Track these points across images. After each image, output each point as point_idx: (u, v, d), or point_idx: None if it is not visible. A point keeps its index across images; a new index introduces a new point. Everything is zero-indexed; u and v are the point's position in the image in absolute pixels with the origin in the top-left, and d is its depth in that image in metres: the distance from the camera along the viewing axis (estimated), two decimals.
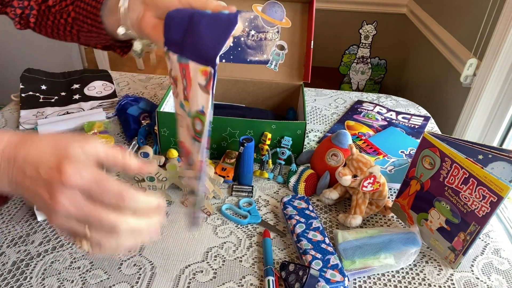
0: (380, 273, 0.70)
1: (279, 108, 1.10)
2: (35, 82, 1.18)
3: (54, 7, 0.67)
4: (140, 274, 0.68)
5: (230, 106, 1.08)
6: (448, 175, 0.68)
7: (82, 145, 0.43)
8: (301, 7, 1.05)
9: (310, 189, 0.86)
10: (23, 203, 0.81)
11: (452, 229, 0.70)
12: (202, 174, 0.50)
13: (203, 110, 0.47)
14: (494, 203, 0.62)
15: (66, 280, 0.66)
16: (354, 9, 2.41)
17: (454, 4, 1.75)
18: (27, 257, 0.70)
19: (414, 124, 1.15)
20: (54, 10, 0.67)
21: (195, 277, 0.68)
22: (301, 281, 0.62)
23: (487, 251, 0.76)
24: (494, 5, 1.39)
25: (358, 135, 1.08)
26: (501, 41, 1.32)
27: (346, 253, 0.69)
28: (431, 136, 0.70)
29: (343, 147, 0.87)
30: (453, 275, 0.71)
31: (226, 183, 0.89)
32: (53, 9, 0.67)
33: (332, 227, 0.80)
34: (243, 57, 1.06)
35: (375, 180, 0.76)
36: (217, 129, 0.90)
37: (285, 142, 0.90)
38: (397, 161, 0.97)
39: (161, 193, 0.82)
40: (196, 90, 0.47)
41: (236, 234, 0.77)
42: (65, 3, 0.66)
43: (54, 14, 0.67)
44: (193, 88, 0.47)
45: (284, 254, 0.73)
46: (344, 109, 1.22)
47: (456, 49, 1.65)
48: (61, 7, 0.66)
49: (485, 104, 1.44)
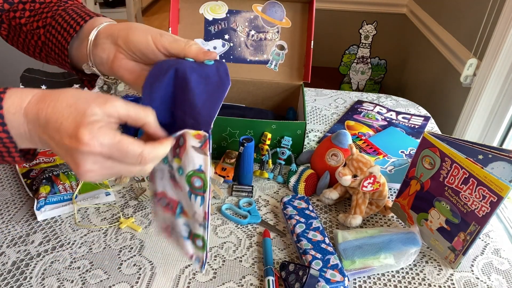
0: (380, 273, 0.70)
1: (279, 108, 1.10)
2: (35, 82, 1.18)
3: (25, 26, 0.63)
4: (140, 274, 0.68)
5: (230, 106, 1.08)
6: (448, 175, 0.68)
7: (101, 107, 0.43)
8: (301, 7, 1.05)
9: (310, 189, 0.86)
10: (23, 203, 0.81)
11: (452, 229, 0.70)
12: (207, 223, 0.51)
13: (202, 169, 0.47)
14: (494, 203, 0.62)
15: (66, 280, 0.66)
16: (354, 9, 2.41)
17: (454, 4, 1.75)
18: (27, 257, 0.70)
19: (414, 124, 1.15)
20: (26, 29, 0.63)
21: (195, 277, 0.68)
22: (301, 281, 0.62)
23: (487, 251, 0.76)
24: (494, 5, 1.39)
25: (358, 135, 1.08)
26: (501, 41, 1.32)
27: (346, 253, 0.69)
28: (431, 136, 0.70)
29: (343, 147, 0.87)
30: (453, 275, 0.71)
31: (226, 183, 0.89)
32: (24, 28, 0.63)
33: (332, 227, 0.80)
34: (243, 57, 1.06)
35: (375, 180, 0.76)
36: (217, 129, 0.90)
37: (285, 142, 0.90)
38: (397, 161, 0.97)
39: None
40: (190, 152, 0.46)
41: (236, 234, 0.77)
42: (36, 24, 0.62)
43: (25, 33, 0.63)
44: (187, 150, 0.46)
45: (284, 254, 0.73)
46: (344, 109, 1.22)
47: (456, 49, 1.65)
48: (32, 28, 0.62)
49: (485, 104, 1.44)
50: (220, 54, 1.06)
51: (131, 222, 0.78)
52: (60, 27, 0.58)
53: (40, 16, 0.62)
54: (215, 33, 1.05)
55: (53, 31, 0.60)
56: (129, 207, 0.82)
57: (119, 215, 0.80)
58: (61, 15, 0.60)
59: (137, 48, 0.52)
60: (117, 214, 0.80)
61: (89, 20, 0.57)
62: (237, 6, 1.05)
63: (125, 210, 0.81)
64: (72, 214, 0.79)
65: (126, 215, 0.80)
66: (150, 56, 0.52)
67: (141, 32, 0.52)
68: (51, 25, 0.60)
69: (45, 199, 0.78)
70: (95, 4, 2.61)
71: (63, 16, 0.59)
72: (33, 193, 0.80)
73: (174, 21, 1.01)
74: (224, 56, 1.06)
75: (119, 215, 0.80)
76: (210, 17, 1.05)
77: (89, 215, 0.79)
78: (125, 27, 0.53)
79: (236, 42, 1.05)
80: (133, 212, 0.81)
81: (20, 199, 0.82)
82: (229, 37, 1.05)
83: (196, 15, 1.04)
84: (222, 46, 1.05)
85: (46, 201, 0.78)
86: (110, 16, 1.95)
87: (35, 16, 0.63)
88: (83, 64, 0.58)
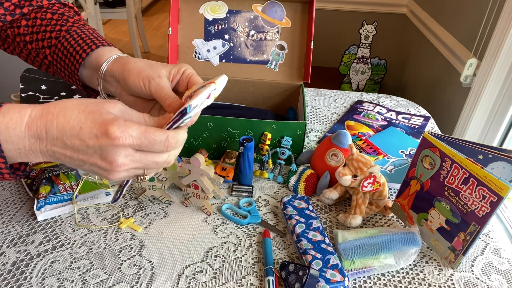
0: (380, 273, 0.70)
1: (279, 108, 1.10)
2: (35, 82, 1.18)
3: (31, 44, 0.65)
4: (140, 274, 0.68)
5: (230, 106, 1.08)
6: (448, 175, 0.68)
7: (111, 106, 0.46)
8: (301, 7, 1.05)
9: (310, 189, 0.86)
10: (23, 203, 0.81)
11: (452, 229, 0.70)
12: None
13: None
14: (494, 203, 0.62)
15: (66, 280, 0.66)
16: (354, 9, 2.41)
17: (454, 4, 1.75)
18: (27, 257, 0.70)
19: (414, 124, 1.15)
20: (30, 47, 0.65)
21: (195, 277, 0.68)
22: (301, 281, 0.62)
23: (487, 251, 0.76)
24: (494, 5, 1.39)
25: (358, 135, 1.08)
26: (501, 41, 1.32)
27: (346, 253, 0.69)
28: (431, 136, 0.70)
29: (343, 147, 0.87)
30: (453, 275, 0.71)
31: (226, 183, 0.89)
32: (29, 46, 0.65)
33: (332, 227, 0.80)
34: (243, 57, 1.06)
35: (375, 180, 0.76)
36: (217, 129, 0.90)
37: (285, 142, 0.90)
38: (397, 161, 0.97)
39: (161, 193, 0.82)
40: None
41: (236, 234, 0.77)
42: (41, 44, 0.64)
43: (29, 50, 0.65)
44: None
45: (284, 254, 0.73)
46: (344, 109, 1.22)
47: (456, 49, 1.65)
48: (38, 47, 0.64)
49: (485, 104, 1.44)
50: (220, 54, 1.06)
51: (131, 222, 0.78)
52: (67, 51, 0.61)
53: (44, 35, 0.64)
54: (215, 33, 1.05)
55: (60, 53, 0.62)
56: (129, 207, 0.82)
57: (119, 215, 0.80)
58: (66, 38, 0.62)
59: (133, 91, 0.56)
60: (117, 214, 0.80)
61: (95, 50, 0.60)
62: (237, 6, 1.05)
63: (125, 210, 0.81)
64: (72, 214, 0.79)
65: (126, 215, 0.80)
66: (145, 96, 0.57)
67: (135, 77, 0.55)
68: (56, 47, 0.62)
69: (45, 199, 0.78)
70: (95, 4, 2.61)
71: (69, 39, 0.62)
72: (33, 193, 0.80)
73: (174, 21, 1.01)
74: (224, 56, 1.06)
75: (119, 215, 0.80)
76: (210, 17, 1.05)
77: (89, 215, 0.79)
78: (122, 70, 0.57)
79: (236, 42, 1.05)
80: (133, 212, 0.81)
81: (20, 199, 0.82)
82: (229, 37, 1.05)
83: (196, 15, 1.04)
84: (222, 46, 1.05)
85: (46, 201, 0.78)
86: (110, 16, 1.97)
87: (38, 34, 0.64)
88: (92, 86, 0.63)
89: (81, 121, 0.43)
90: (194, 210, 0.82)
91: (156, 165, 0.47)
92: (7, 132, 0.43)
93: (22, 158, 0.45)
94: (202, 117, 0.88)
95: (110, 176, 0.45)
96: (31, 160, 0.46)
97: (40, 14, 0.65)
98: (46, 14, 0.65)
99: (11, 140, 0.43)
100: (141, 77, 0.54)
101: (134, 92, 0.56)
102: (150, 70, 0.55)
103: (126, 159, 0.44)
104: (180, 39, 1.05)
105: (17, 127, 0.43)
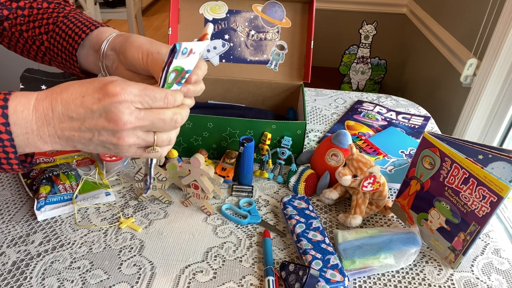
0: (380, 273, 0.70)
1: (279, 108, 1.10)
2: (35, 82, 1.18)
3: (27, 32, 0.66)
4: (140, 274, 0.68)
5: (230, 106, 1.08)
6: (448, 175, 0.68)
7: (110, 76, 0.47)
8: (301, 7, 1.05)
9: (310, 189, 0.86)
10: (23, 203, 0.81)
11: (452, 229, 0.70)
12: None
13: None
14: (494, 203, 0.62)
15: (66, 280, 0.66)
16: (354, 9, 2.41)
17: (454, 4, 1.75)
18: (27, 257, 0.70)
19: (414, 124, 1.15)
20: (27, 35, 0.66)
21: (195, 277, 0.68)
22: (301, 281, 0.62)
23: (487, 251, 0.76)
24: (494, 5, 1.39)
25: (358, 135, 1.08)
26: (501, 41, 1.32)
27: (346, 253, 0.69)
28: (431, 136, 0.70)
29: (343, 147, 0.87)
30: (453, 275, 0.71)
31: (226, 183, 0.89)
32: (26, 34, 0.66)
33: (332, 227, 0.80)
34: (243, 57, 1.06)
35: (375, 180, 0.76)
36: (217, 129, 0.90)
37: (285, 142, 0.90)
38: (397, 161, 0.97)
39: (161, 193, 0.82)
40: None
41: (236, 234, 0.77)
42: (38, 31, 0.65)
43: (26, 38, 0.67)
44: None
45: (284, 254, 0.73)
46: (344, 109, 1.22)
47: (456, 49, 1.65)
48: (34, 34, 0.65)
49: (485, 104, 1.44)
50: (220, 54, 1.06)
51: (131, 222, 0.78)
52: (65, 34, 0.62)
53: (41, 22, 0.65)
54: (215, 33, 1.05)
55: (58, 37, 0.63)
56: (129, 207, 0.82)
57: (119, 215, 0.80)
58: (64, 22, 0.63)
59: (131, 64, 0.56)
60: (117, 214, 0.80)
61: (94, 30, 0.61)
62: (237, 6, 1.05)
63: (125, 210, 0.81)
64: (72, 214, 0.79)
65: (126, 215, 0.80)
66: (142, 71, 0.57)
67: (134, 49, 0.55)
68: (54, 32, 0.64)
69: (45, 199, 0.78)
70: (95, 4, 2.61)
71: (67, 23, 0.63)
72: (33, 193, 0.80)
73: (174, 21, 1.01)
74: (224, 56, 1.06)
75: (119, 215, 0.80)
76: (210, 17, 1.05)
77: (89, 215, 0.79)
78: (124, 42, 0.57)
79: (236, 42, 1.05)
80: (133, 212, 0.81)
81: (20, 199, 0.82)
82: (229, 37, 1.05)
83: (196, 15, 1.04)
84: (222, 46, 1.05)
85: (46, 201, 0.78)
86: (110, 16, 1.98)
87: (35, 21, 0.65)
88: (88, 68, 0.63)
89: (83, 91, 0.45)
90: (194, 210, 0.82)
91: (163, 123, 0.47)
92: (15, 115, 0.44)
93: (30, 146, 0.46)
94: (202, 117, 0.88)
95: (120, 141, 0.46)
96: (39, 148, 0.47)
97: (36, 4, 0.67)
98: (43, 4, 0.67)
99: (19, 123, 0.44)
100: (141, 50, 0.55)
101: (131, 65, 0.57)
102: (150, 45, 0.55)
103: (131, 116, 0.44)
104: (180, 39, 1.05)
105: (25, 110, 0.45)
